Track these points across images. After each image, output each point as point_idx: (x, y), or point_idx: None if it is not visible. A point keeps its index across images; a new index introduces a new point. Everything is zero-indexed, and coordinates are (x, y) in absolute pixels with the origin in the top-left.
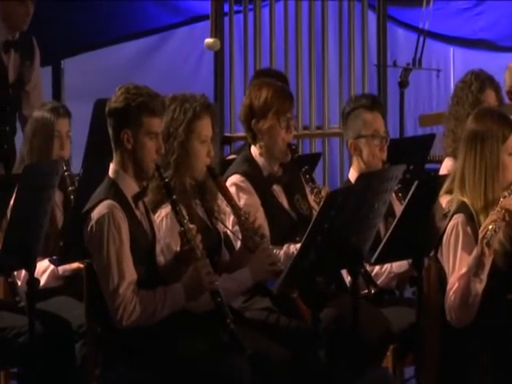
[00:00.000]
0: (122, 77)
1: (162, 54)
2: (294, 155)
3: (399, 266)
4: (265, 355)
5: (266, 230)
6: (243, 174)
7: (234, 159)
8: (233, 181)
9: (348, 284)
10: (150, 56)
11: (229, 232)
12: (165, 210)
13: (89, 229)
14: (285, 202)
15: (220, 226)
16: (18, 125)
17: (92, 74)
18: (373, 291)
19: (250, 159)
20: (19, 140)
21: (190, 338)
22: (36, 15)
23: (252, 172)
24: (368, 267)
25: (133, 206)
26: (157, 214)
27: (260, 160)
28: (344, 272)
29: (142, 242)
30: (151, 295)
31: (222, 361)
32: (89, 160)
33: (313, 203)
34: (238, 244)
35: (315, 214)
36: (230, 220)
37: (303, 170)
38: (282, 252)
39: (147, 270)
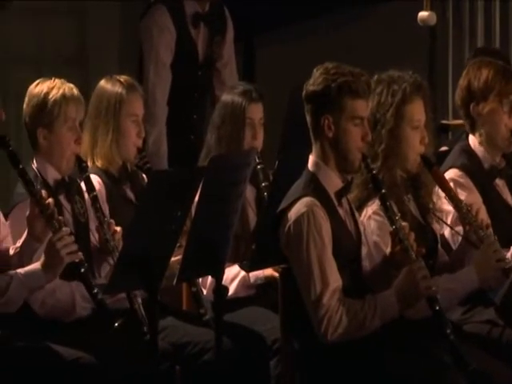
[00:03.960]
0: (322, 55)
1: (368, 28)
2: None
3: None
4: (487, 375)
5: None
6: (461, 168)
7: (447, 151)
8: (450, 176)
9: None
10: (351, 31)
11: (446, 233)
12: (371, 208)
13: (285, 230)
14: (509, 199)
15: (436, 226)
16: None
17: (288, 53)
18: None
19: (467, 150)
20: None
21: (403, 352)
22: None
23: (471, 165)
24: None
25: (335, 203)
26: (363, 213)
27: (479, 150)
28: None
29: (347, 244)
30: (359, 304)
31: (438, 378)
32: (285, 151)
33: None
34: None
35: None
36: (449, 219)
37: None
38: (509, 253)
39: (352, 275)
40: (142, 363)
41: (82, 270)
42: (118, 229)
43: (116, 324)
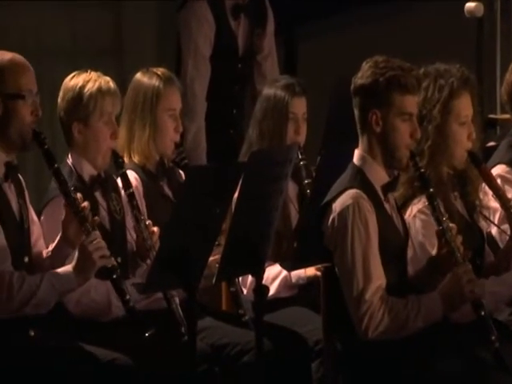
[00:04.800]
0: (366, 47)
1: (413, 19)
2: None
3: None
4: None
5: None
6: (509, 163)
7: (494, 146)
8: (497, 172)
9: None
10: (396, 22)
11: (493, 231)
12: (416, 207)
13: (329, 223)
14: None
15: (482, 223)
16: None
17: (330, 45)
18: None
19: None
20: None
21: (446, 353)
22: None
23: None
24: None
25: (382, 197)
26: (407, 212)
27: None
28: None
29: (393, 240)
30: (402, 303)
31: (483, 379)
32: (327, 147)
33: None
34: None
35: None
36: (496, 217)
37: None
38: None
39: (398, 273)
40: (179, 365)
41: (115, 276)
42: (156, 229)
43: (146, 334)
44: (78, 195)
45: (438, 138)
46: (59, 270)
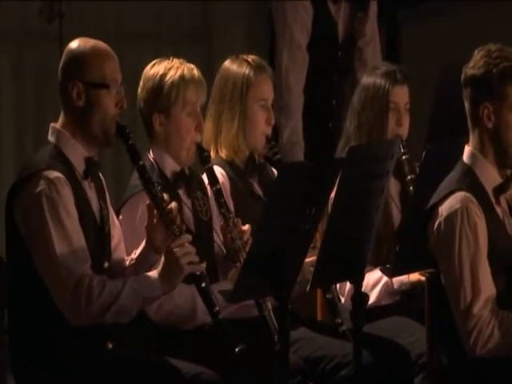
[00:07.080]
0: (475, 31)
1: None
2: None
3: None
4: None
5: None
6: None
7: None
8: None
9: None
10: (507, 4)
11: None
12: None
13: (435, 228)
14: None
15: None
16: None
17: (436, 30)
18: None
19: None
20: None
21: None
22: None
23: None
24: None
25: (493, 200)
26: None
27: None
28: None
29: (504, 248)
30: None
31: None
32: (433, 140)
33: None
34: None
35: None
36: None
37: None
38: None
39: (509, 282)
40: (271, 379)
41: (203, 284)
42: (246, 227)
43: (236, 349)
44: (165, 195)
45: None
46: (143, 275)
